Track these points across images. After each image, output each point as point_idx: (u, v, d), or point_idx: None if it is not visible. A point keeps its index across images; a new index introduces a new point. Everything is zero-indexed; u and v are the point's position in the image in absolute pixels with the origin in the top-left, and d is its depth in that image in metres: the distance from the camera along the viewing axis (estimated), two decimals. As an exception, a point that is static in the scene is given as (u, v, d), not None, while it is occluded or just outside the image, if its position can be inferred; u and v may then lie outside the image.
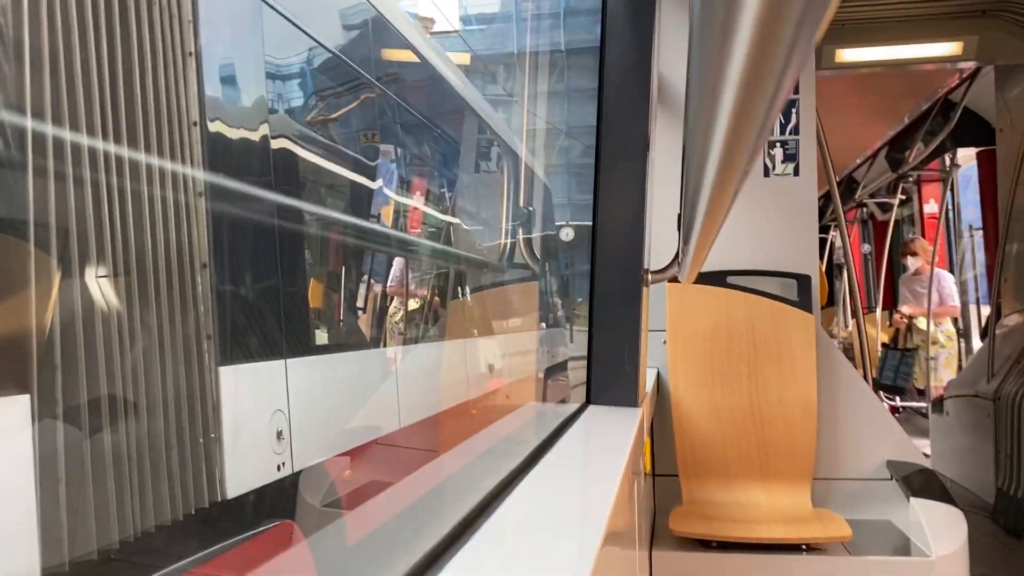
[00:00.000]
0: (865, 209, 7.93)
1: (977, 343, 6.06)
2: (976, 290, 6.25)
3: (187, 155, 1.96)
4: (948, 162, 5.77)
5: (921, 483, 2.07)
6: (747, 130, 0.49)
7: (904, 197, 6.94)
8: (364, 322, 3.74)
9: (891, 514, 2.17)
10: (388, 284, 3.89)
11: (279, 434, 2.27)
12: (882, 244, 7.47)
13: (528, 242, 2.06)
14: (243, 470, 2.07)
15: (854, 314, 4.24)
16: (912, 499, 1.98)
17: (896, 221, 7.33)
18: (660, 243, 1.56)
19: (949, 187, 6.07)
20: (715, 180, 0.63)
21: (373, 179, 3.70)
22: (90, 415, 1.61)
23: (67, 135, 1.54)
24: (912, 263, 6.20)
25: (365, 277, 3.89)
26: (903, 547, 1.97)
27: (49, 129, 1.50)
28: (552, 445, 0.95)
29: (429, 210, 5.37)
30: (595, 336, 1.28)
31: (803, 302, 2.28)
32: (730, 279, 2.34)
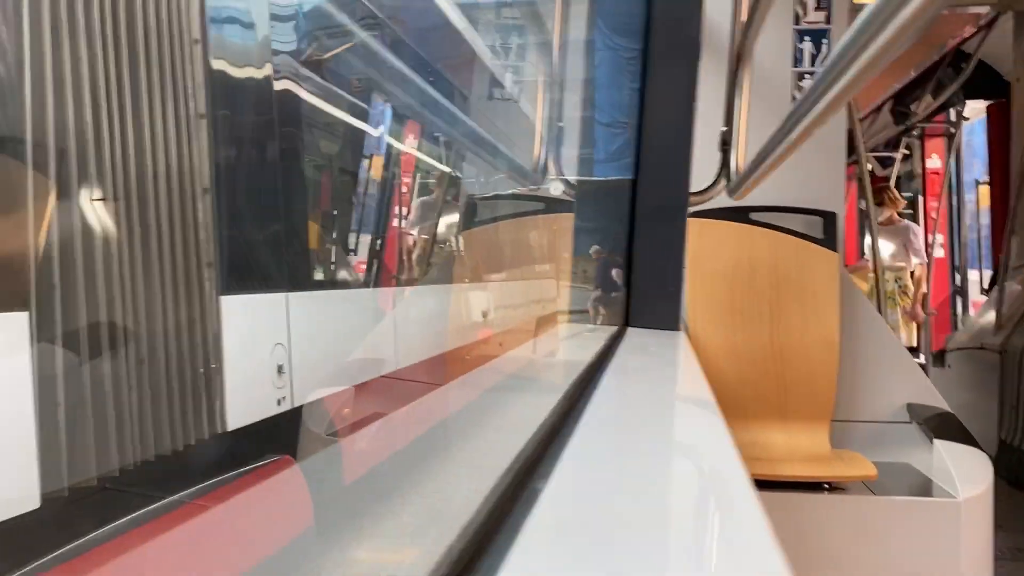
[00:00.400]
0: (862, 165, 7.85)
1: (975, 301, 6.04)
2: (979, 251, 6.18)
3: (187, 74, 1.88)
4: (955, 115, 5.69)
5: (944, 426, 2.04)
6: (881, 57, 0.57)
7: (907, 152, 6.87)
8: (369, 260, 3.68)
9: (910, 457, 2.14)
10: (393, 223, 3.82)
11: (280, 368, 2.22)
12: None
13: (559, 165, 1.98)
14: (244, 403, 2.03)
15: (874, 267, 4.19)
16: (936, 441, 1.95)
17: (897, 177, 7.27)
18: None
19: (955, 142, 5.99)
20: (832, 99, 0.70)
21: (383, 116, 3.60)
22: (89, 338, 1.56)
23: (66, 54, 1.46)
24: (881, 213, 6.05)
25: (373, 215, 3.82)
26: (925, 489, 1.94)
27: (48, 48, 1.42)
28: (604, 368, 0.88)
29: (428, 157, 5.27)
30: (636, 255, 1.21)
31: (828, 240, 2.22)
32: (753, 215, 2.27)
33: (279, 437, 2.17)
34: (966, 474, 1.86)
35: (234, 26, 2.13)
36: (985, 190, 6.07)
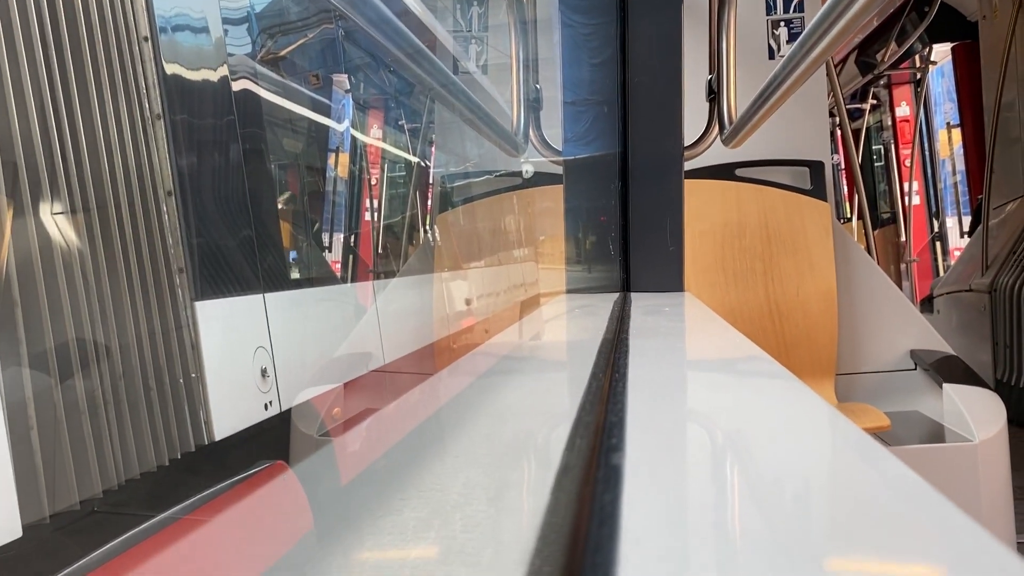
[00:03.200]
0: (834, 119, 7.81)
1: (955, 246, 6.05)
2: (956, 195, 6.18)
3: (139, 72, 1.79)
4: (919, 61, 5.67)
5: (951, 369, 2.00)
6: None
7: (875, 102, 6.85)
8: (344, 255, 3.60)
9: (919, 404, 2.10)
10: (365, 216, 3.74)
11: (263, 372, 2.14)
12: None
13: (541, 136, 1.92)
14: (229, 410, 1.96)
15: (860, 216, 4.17)
16: (945, 385, 1.91)
17: (867, 128, 7.25)
18: None
19: (923, 87, 5.97)
20: (828, 44, 0.68)
21: (351, 105, 3.52)
22: (58, 355, 1.48)
23: (4, 63, 1.38)
24: None
25: (343, 208, 3.74)
26: (938, 435, 1.90)
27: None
28: (624, 338, 0.80)
29: (394, 144, 5.18)
30: (632, 214, 1.14)
31: (816, 190, 2.17)
32: (738, 171, 2.22)
33: (270, 442, 2.11)
34: (979, 416, 1.83)
35: (186, 28, 2.04)
36: (947, 135, 6.08)
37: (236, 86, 2.18)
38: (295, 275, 3.00)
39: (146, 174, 1.73)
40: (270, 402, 2.08)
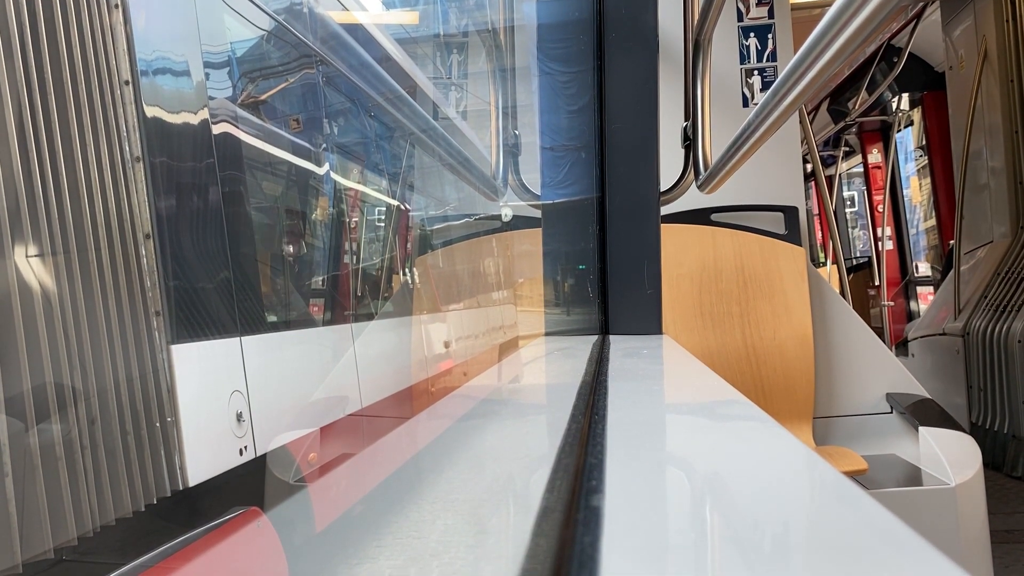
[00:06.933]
0: (807, 165, 7.94)
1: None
2: (927, 241, 6.28)
3: (119, 116, 1.80)
4: (896, 105, 5.80)
5: (927, 413, 2.02)
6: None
7: (848, 149, 6.99)
8: (323, 296, 3.60)
9: (895, 447, 2.12)
10: (344, 255, 3.74)
11: (239, 416, 2.12)
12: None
13: (519, 181, 1.95)
14: (204, 455, 1.94)
15: (835, 260, 4.23)
16: (921, 429, 1.92)
17: (839, 175, 7.38)
18: None
19: (896, 129, 6.09)
20: (800, 93, 0.71)
21: (330, 142, 3.54)
22: (35, 400, 1.47)
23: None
24: None
25: (322, 251, 3.74)
26: (914, 478, 1.91)
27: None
28: (604, 373, 0.81)
29: (374, 187, 5.21)
30: (610, 258, 1.16)
31: (791, 235, 2.21)
32: (714, 216, 2.25)
33: (245, 488, 2.08)
34: (956, 459, 1.84)
35: (167, 72, 2.06)
36: (919, 182, 6.21)
37: (216, 129, 2.19)
38: (272, 318, 2.99)
39: (125, 217, 1.73)
40: (245, 447, 2.06)
